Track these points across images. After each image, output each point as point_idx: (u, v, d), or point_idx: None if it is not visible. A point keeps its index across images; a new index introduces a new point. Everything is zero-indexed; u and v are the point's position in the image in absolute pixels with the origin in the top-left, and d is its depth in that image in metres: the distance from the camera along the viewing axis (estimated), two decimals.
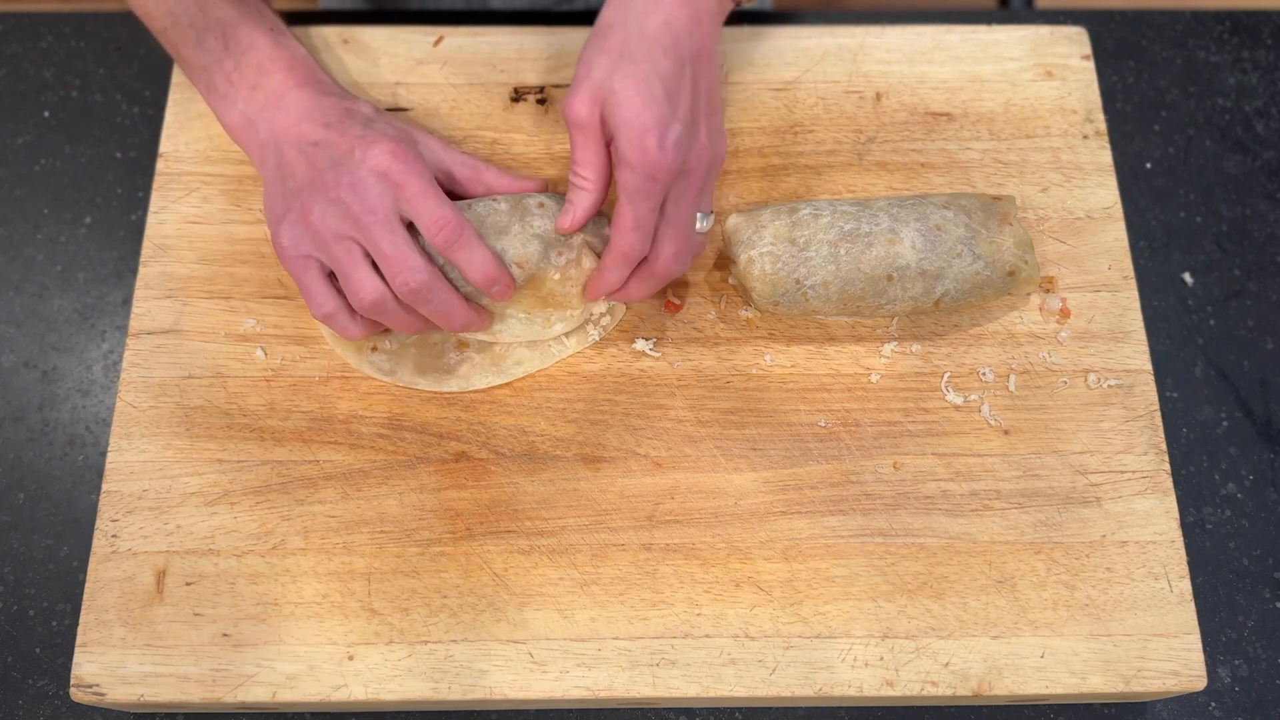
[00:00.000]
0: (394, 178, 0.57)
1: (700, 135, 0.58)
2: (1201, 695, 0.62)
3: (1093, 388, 0.64)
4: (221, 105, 0.63)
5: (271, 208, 0.60)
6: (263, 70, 0.62)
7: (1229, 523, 0.66)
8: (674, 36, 0.57)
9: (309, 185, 0.58)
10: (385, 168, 0.57)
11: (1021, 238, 0.63)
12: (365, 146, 0.58)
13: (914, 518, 0.61)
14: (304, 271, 0.59)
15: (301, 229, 0.58)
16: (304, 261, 0.59)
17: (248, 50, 0.62)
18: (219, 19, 0.62)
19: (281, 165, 0.60)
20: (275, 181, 0.60)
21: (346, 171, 0.58)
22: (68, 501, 0.66)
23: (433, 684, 0.57)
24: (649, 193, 0.57)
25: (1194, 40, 0.79)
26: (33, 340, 0.70)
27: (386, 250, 0.57)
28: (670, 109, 0.56)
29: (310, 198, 0.58)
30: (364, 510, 0.61)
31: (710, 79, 0.60)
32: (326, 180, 0.58)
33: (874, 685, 0.58)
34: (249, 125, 0.62)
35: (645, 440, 0.62)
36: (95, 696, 0.57)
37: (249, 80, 0.62)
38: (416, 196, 0.57)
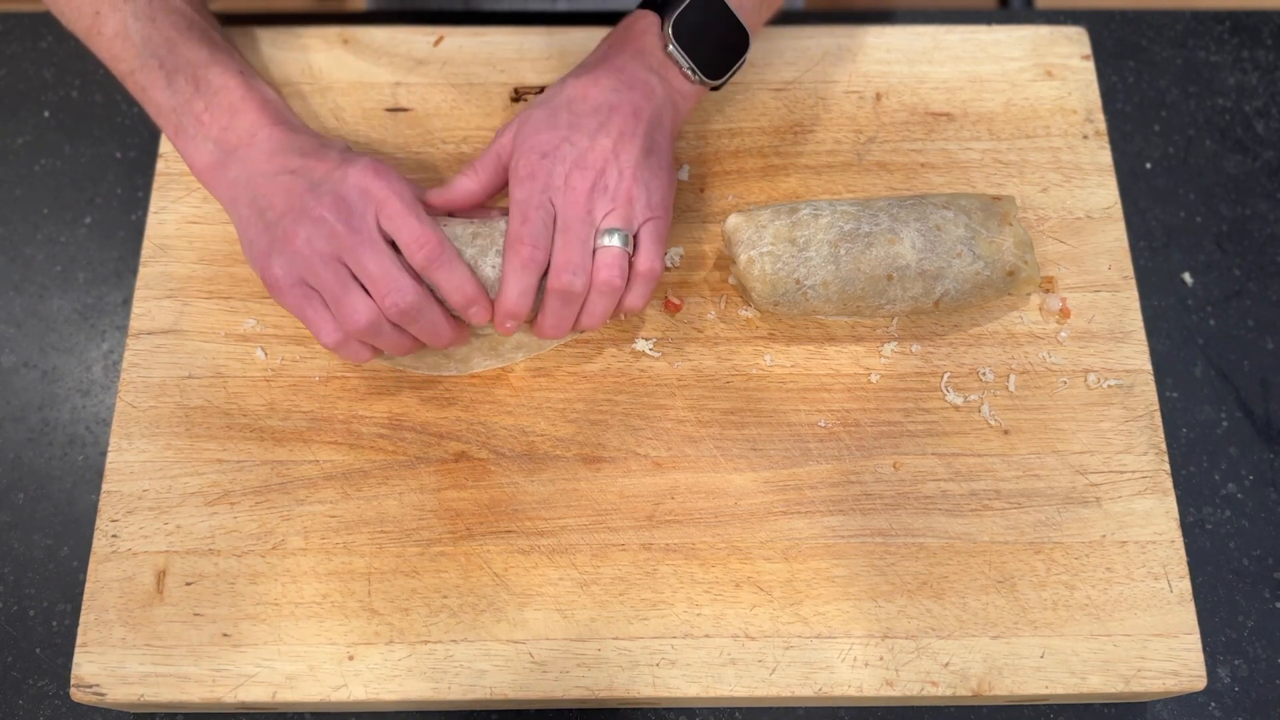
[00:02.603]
0: (375, 194, 0.57)
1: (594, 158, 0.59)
2: (1201, 695, 0.62)
3: (1093, 388, 0.64)
4: (190, 145, 0.62)
5: (254, 243, 0.59)
6: (235, 111, 0.61)
7: (1229, 523, 0.66)
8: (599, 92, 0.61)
9: (289, 210, 0.58)
10: (366, 185, 0.57)
11: (1021, 238, 0.63)
12: (344, 167, 0.58)
13: (914, 518, 0.61)
14: (305, 303, 0.58)
15: (289, 256, 0.57)
16: (302, 292, 0.58)
17: (219, 91, 0.61)
18: (189, 60, 0.62)
19: (257, 199, 0.59)
20: (252, 217, 0.59)
21: (327, 191, 0.57)
22: (68, 501, 0.66)
23: (433, 684, 0.57)
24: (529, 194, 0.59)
25: (1194, 40, 0.79)
26: (33, 340, 0.70)
27: (373, 270, 0.57)
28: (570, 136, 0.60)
29: (293, 223, 0.57)
30: (364, 510, 0.61)
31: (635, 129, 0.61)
32: (307, 202, 0.57)
33: (874, 685, 0.58)
34: (220, 165, 0.61)
35: (645, 440, 0.62)
36: (95, 696, 0.57)
37: (220, 121, 0.61)
38: (397, 214, 0.57)
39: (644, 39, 0.63)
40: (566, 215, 0.59)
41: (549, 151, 0.60)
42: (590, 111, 0.61)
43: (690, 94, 0.65)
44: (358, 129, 0.70)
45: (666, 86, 0.63)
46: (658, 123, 0.62)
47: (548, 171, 0.59)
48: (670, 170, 0.63)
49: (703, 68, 0.63)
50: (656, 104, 0.62)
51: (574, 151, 0.60)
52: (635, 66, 0.62)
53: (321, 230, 0.57)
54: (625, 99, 0.61)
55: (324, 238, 0.57)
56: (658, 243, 0.61)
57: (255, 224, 0.59)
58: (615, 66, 0.62)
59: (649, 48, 0.63)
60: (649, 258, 0.60)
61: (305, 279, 0.58)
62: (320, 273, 0.57)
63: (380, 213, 0.57)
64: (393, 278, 0.57)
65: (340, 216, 0.57)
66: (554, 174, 0.59)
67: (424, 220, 0.58)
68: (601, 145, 0.60)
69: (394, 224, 0.57)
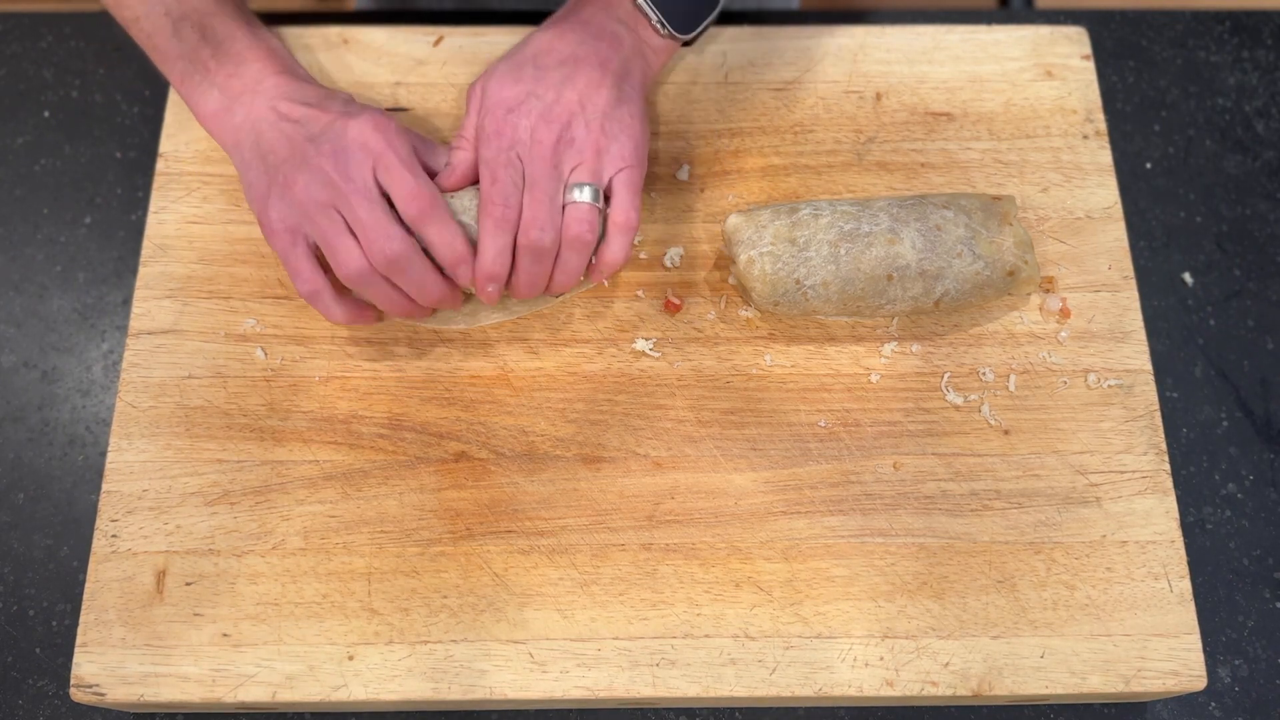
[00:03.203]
0: (373, 147, 0.58)
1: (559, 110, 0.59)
2: (1201, 695, 0.62)
3: (1093, 388, 0.64)
4: (196, 92, 0.63)
5: (254, 186, 0.60)
6: (240, 59, 0.62)
7: (1229, 523, 0.66)
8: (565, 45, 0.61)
9: (290, 158, 0.59)
10: (366, 139, 0.58)
11: (1021, 238, 0.63)
12: (346, 119, 0.59)
13: (914, 518, 0.61)
14: (291, 248, 0.59)
15: (287, 202, 0.58)
16: (291, 237, 0.59)
17: (225, 39, 0.62)
18: (195, 8, 0.62)
19: (260, 144, 0.60)
20: (254, 162, 0.60)
21: (328, 140, 0.58)
22: (68, 501, 0.66)
23: (433, 684, 0.57)
24: (495, 150, 0.59)
25: (1194, 40, 0.79)
26: (33, 340, 0.70)
27: (364, 218, 0.57)
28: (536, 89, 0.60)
29: (293, 169, 0.58)
30: (364, 510, 0.61)
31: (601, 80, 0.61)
32: (307, 151, 0.58)
33: (874, 685, 0.58)
34: (225, 111, 0.62)
35: (645, 440, 0.62)
36: (95, 696, 0.57)
37: (226, 68, 0.62)
38: (393, 167, 0.58)
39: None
40: (533, 171, 0.59)
41: (514, 106, 0.60)
42: (556, 64, 0.61)
43: (661, 48, 0.65)
44: None
45: (635, 38, 0.63)
46: (626, 73, 0.62)
47: (513, 127, 0.60)
48: (643, 120, 0.63)
49: (672, 22, 0.63)
50: (624, 55, 0.62)
51: (539, 105, 0.60)
52: (603, 18, 0.63)
53: (319, 179, 0.58)
54: (591, 50, 0.61)
55: (320, 186, 0.58)
56: (632, 193, 0.61)
57: (256, 167, 0.60)
58: (582, 19, 0.63)
59: (615, 2, 0.63)
60: (624, 209, 0.61)
61: (300, 225, 0.59)
62: (316, 219, 0.58)
63: (377, 166, 0.58)
64: (382, 226, 0.57)
65: (338, 167, 0.57)
66: (519, 129, 0.59)
67: (419, 176, 0.58)
68: (567, 98, 0.60)
69: (388, 177, 0.58)
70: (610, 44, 0.62)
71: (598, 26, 0.62)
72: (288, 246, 0.59)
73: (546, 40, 0.62)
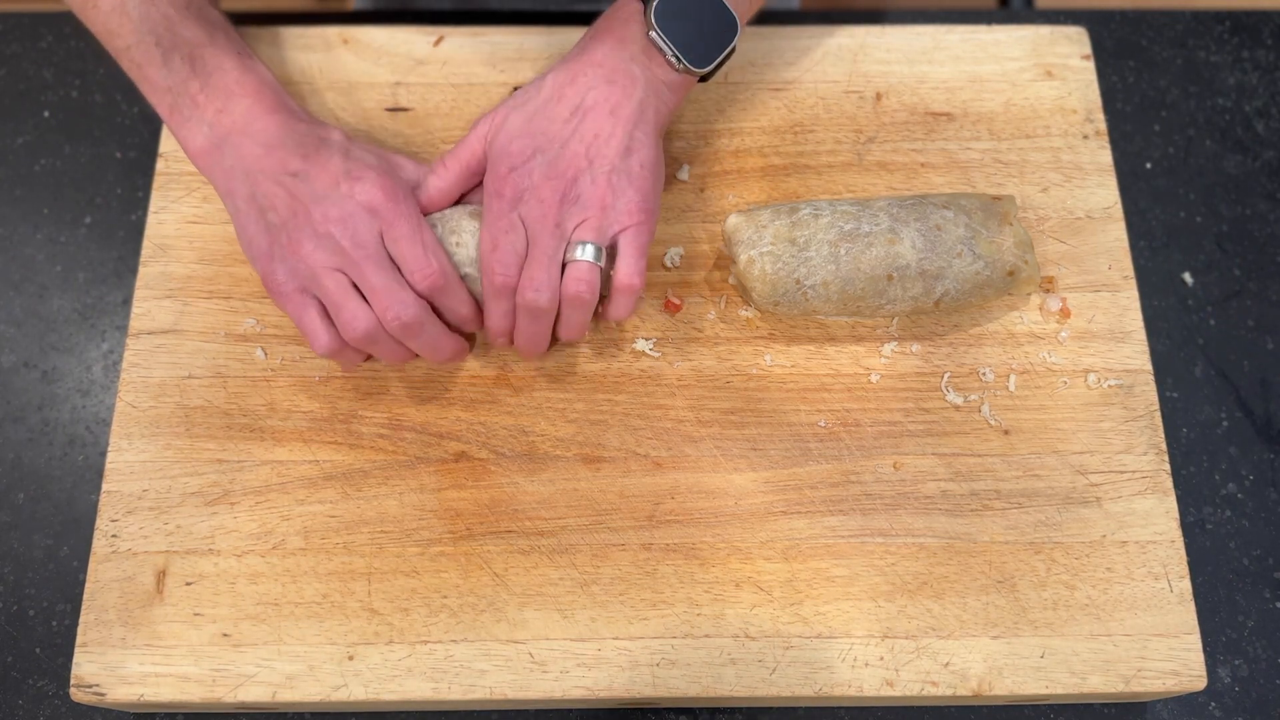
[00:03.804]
0: (383, 214, 0.58)
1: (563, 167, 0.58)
2: (1201, 695, 0.62)
3: (1093, 388, 0.64)
4: (185, 128, 0.61)
5: (254, 243, 0.60)
6: (230, 94, 0.61)
7: (1229, 523, 0.66)
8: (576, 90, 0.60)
9: (293, 219, 0.58)
10: (375, 204, 0.58)
11: (1021, 238, 0.63)
12: (352, 181, 0.58)
13: (914, 518, 0.61)
14: (304, 311, 0.59)
15: (293, 263, 0.58)
16: (301, 299, 0.59)
17: (215, 72, 0.61)
18: (187, 39, 0.61)
19: (257, 197, 0.59)
20: (252, 215, 0.60)
21: (334, 205, 0.58)
22: (68, 501, 0.66)
23: (433, 684, 0.57)
24: (497, 211, 0.59)
25: (1194, 40, 0.79)
26: (33, 340, 0.70)
27: (377, 285, 0.57)
28: (540, 144, 0.59)
29: (298, 232, 0.58)
30: (364, 510, 0.61)
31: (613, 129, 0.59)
32: (313, 215, 0.58)
33: (874, 685, 0.58)
34: (215, 150, 0.61)
35: (645, 440, 0.62)
36: (95, 696, 0.57)
37: (215, 103, 0.61)
38: (403, 239, 0.58)
39: (626, 28, 0.61)
40: (534, 230, 0.58)
41: (518, 165, 0.59)
42: (565, 115, 0.59)
43: (677, 84, 0.62)
44: (358, 129, 0.70)
45: (650, 76, 0.61)
46: (639, 119, 0.60)
47: (515, 186, 0.59)
48: (655, 169, 0.61)
49: (687, 56, 0.61)
50: (637, 99, 0.60)
51: (544, 161, 0.59)
52: (615, 58, 0.60)
53: (327, 244, 0.57)
54: (603, 96, 0.59)
55: (329, 251, 0.57)
56: (637, 253, 0.59)
57: (256, 222, 0.59)
58: (594, 60, 0.60)
59: (631, 36, 0.61)
60: (627, 270, 0.59)
61: (307, 286, 0.59)
62: (323, 282, 0.58)
63: (386, 233, 0.58)
64: (394, 293, 0.57)
65: (346, 233, 0.57)
66: (522, 188, 0.59)
67: (428, 247, 0.58)
68: (573, 151, 0.59)
69: (398, 248, 0.58)
70: (623, 88, 0.60)
71: (610, 68, 0.60)
72: (300, 309, 0.59)
73: (557, 85, 0.60)
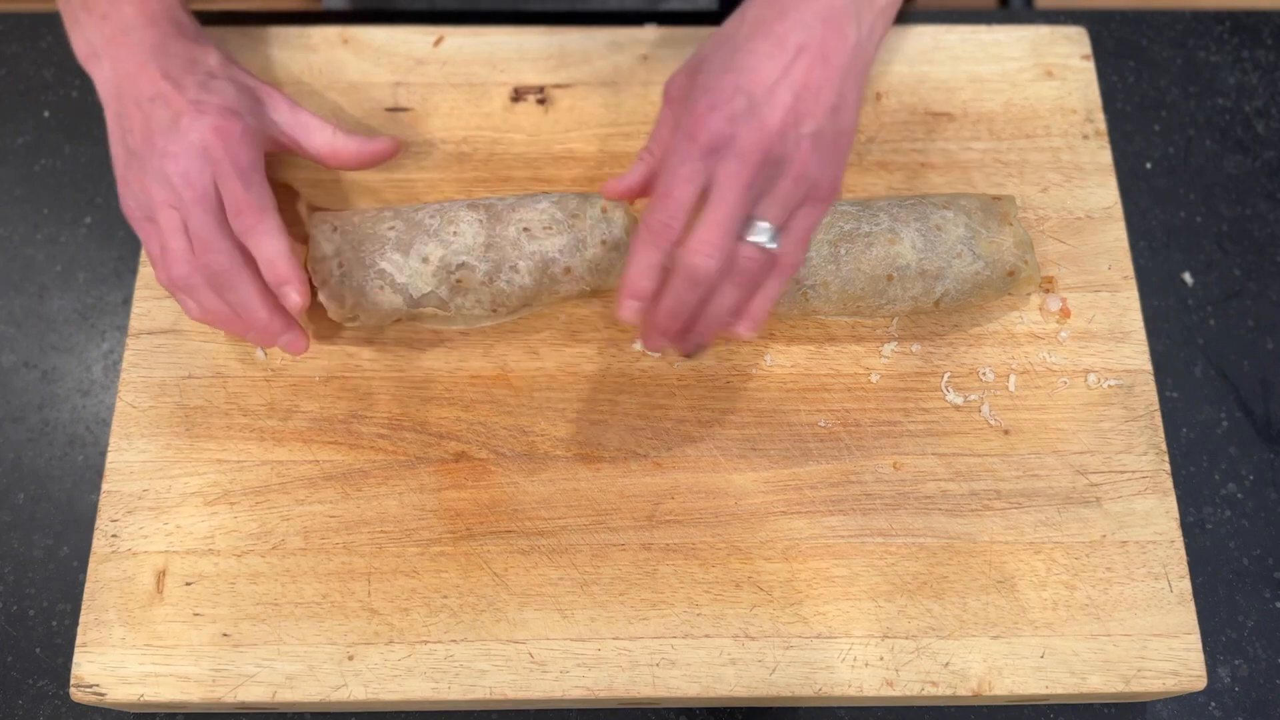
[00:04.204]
0: (213, 153, 0.57)
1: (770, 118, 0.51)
2: (1201, 695, 0.62)
3: (1093, 388, 0.64)
4: (73, 30, 0.61)
5: (115, 159, 0.61)
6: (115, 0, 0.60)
7: (1229, 523, 0.66)
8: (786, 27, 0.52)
9: (142, 148, 0.58)
10: (206, 143, 0.57)
11: (1021, 238, 0.63)
12: (193, 116, 0.57)
13: (914, 518, 0.61)
14: (149, 239, 0.59)
15: (138, 191, 0.59)
16: (149, 227, 0.59)
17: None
18: None
19: (121, 116, 0.59)
20: (116, 132, 0.60)
21: (173, 140, 0.57)
22: (68, 501, 0.66)
23: (433, 684, 0.57)
24: (685, 155, 0.51)
25: (1194, 40, 0.79)
26: (33, 340, 0.70)
27: (195, 227, 0.57)
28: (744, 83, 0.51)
29: (143, 162, 0.58)
30: (364, 510, 0.61)
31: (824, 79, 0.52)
32: (156, 146, 0.58)
33: (874, 685, 0.58)
34: (95, 58, 0.60)
35: (645, 440, 0.62)
36: (95, 696, 0.57)
37: (100, 8, 0.60)
38: (228, 178, 0.57)
39: None
40: (723, 187, 0.51)
41: (719, 104, 0.51)
42: (771, 52, 0.51)
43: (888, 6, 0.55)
44: (357, 129, 0.70)
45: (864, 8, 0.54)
46: (851, 67, 0.53)
47: (714, 131, 0.51)
48: (852, 132, 0.54)
49: None
50: (851, 42, 0.53)
51: (748, 106, 0.51)
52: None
53: (162, 179, 0.57)
54: (815, 37, 0.52)
55: (163, 186, 0.57)
56: (807, 234, 0.54)
57: (118, 141, 0.60)
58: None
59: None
60: (792, 249, 0.54)
61: (149, 216, 0.59)
62: (158, 216, 0.58)
63: (216, 172, 0.57)
64: (210, 237, 0.57)
65: (178, 170, 0.57)
66: (722, 135, 0.51)
67: (250, 186, 0.57)
68: (780, 100, 0.51)
69: (223, 185, 0.57)
70: (837, 28, 0.52)
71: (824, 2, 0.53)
72: (147, 237, 0.60)
73: (762, 20, 0.52)
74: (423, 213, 0.62)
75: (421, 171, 0.69)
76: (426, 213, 0.62)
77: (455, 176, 0.69)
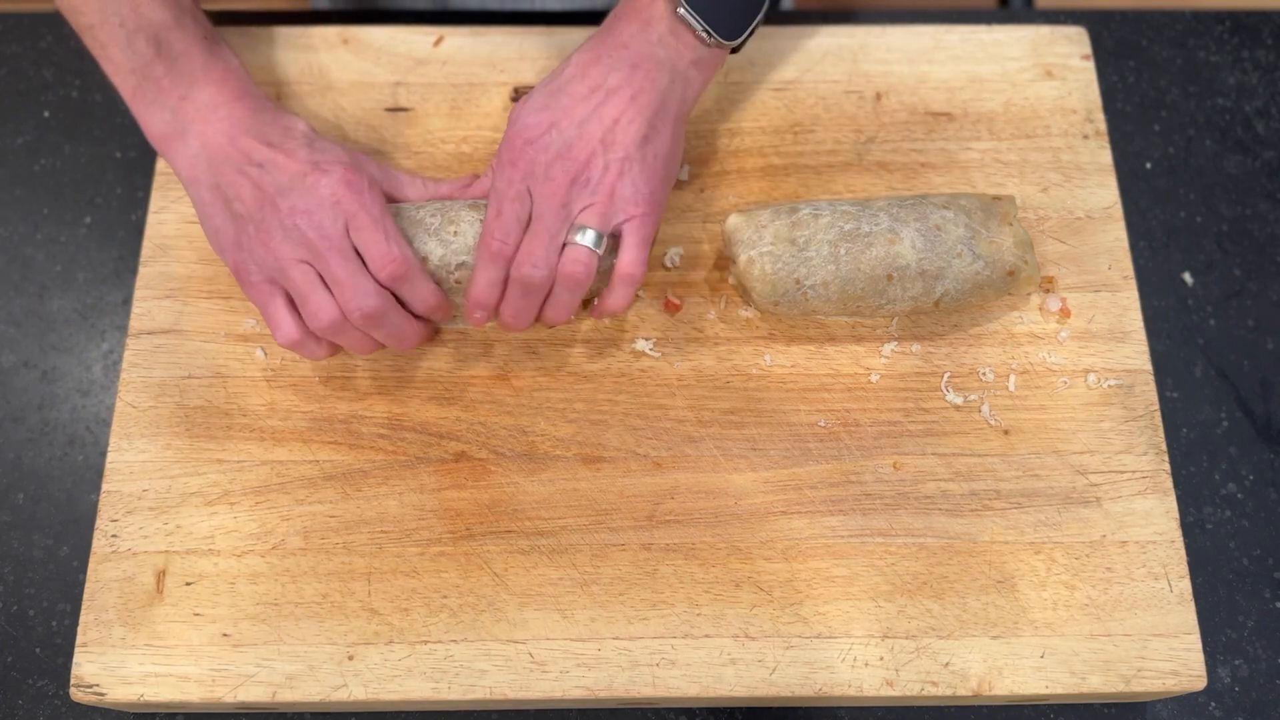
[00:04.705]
0: (346, 207, 0.58)
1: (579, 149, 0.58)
2: (1201, 695, 0.62)
3: (1093, 388, 0.64)
4: (147, 111, 0.61)
5: (220, 232, 0.60)
6: (194, 80, 0.60)
7: (1229, 523, 0.66)
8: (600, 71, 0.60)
9: (260, 210, 0.58)
10: (339, 197, 0.58)
11: (1021, 238, 0.63)
12: (318, 173, 0.58)
13: (914, 518, 0.61)
14: (270, 300, 0.59)
15: (261, 255, 0.58)
16: (269, 289, 0.59)
17: (180, 57, 0.60)
18: (151, 21, 0.60)
19: (222, 187, 0.59)
20: (217, 205, 0.59)
21: (300, 197, 0.58)
22: (68, 501, 0.66)
23: (433, 684, 0.57)
24: (508, 179, 0.59)
25: (1194, 40, 0.79)
26: (33, 340, 0.70)
27: (341, 277, 0.57)
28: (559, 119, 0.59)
29: (265, 223, 0.58)
30: (364, 510, 0.61)
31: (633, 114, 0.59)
32: (279, 206, 0.58)
33: (874, 685, 0.58)
34: (177, 137, 0.60)
35: (645, 440, 0.62)
36: (95, 696, 0.57)
37: (179, 89, 0.60)
38: (365, 229, 0.58)
39: (653, 6, 0.60)
40: (541, 207, 0.58)
41: (534, 139, 0.59)
42: (585, 94, 0.59)
43: (707, 62, 0.61)
44: (358, 129, 0.70)
45: (676, 60, 0.60)
46: (660, 108, 0.60)
47: (529, 160, 0.58)
48: (669, 160, 0.61)
49: (718, 29, 0.60)
50: (661, 86, 0.60)
51: (560, 140, 0.58)
52: (641, 40, 0.60)
53: (293, 236, 0.57)
54: (624, 80, 0.59)
55: (295, 243, 0.58)
56: (640, 243, 0.59)
57: (221, 212, 0.60)
58: (620, 42, 0.60)
59: (658, 15, 0.60)
60: (629, 260, 0.59)
61: (274, 278, 0.59)
62: (290, 274, 0.58)
63: (350, 224, 0.58)
64: (358, 285, 0.58)
65: (312, 225, 0.57)
66: (536, 162, 0.58)
67: (391, 237, 0.58)
68: (590, 134, 0.58)
69: (361, 238, 0.58)
70: (646, 73, 0.59)
71: (635, 51, 0.60)
72: (267, 299, 0.59)
73: (581, 64, 0.60)
74: (423, 212, 0.62)
75: (421, 171, 0.69)
76: (427, 211, 0.62)
77: (455, 177, 0.69)
